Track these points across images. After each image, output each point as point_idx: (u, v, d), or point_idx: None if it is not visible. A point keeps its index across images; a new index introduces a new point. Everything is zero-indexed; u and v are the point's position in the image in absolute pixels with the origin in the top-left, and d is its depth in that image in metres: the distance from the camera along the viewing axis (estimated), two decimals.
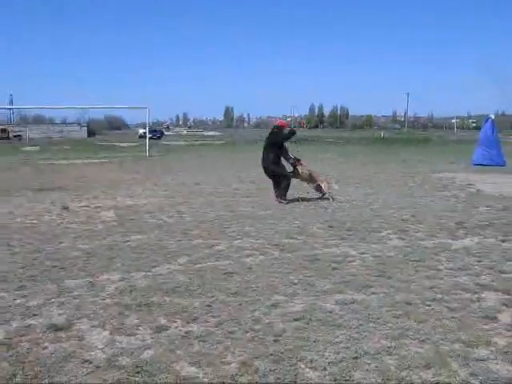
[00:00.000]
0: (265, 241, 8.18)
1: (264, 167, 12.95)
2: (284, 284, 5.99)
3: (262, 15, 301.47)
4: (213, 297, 5.59)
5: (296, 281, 6.10)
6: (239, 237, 8.49)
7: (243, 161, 26.29)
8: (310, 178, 13.04)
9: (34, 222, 10.09)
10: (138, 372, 3.91)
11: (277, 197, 12.44)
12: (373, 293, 5.65)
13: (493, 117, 25.73)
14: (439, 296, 5.53)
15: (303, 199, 12.69)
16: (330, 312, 5.11)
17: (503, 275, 6.29)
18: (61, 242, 8.25)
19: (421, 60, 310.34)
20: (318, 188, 12.91)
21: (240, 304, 5.36)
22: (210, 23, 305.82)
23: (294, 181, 12.87)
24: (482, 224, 9.35)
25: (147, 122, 32.36)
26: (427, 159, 26.46)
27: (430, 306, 5.25)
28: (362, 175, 18.58)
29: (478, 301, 5.40)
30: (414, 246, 7.74)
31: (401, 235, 8.51)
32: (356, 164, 23.49)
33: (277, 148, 12.73)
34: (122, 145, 44.22)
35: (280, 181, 12.55)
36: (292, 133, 13.24)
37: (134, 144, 40.47)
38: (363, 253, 7.39)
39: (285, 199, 12.32)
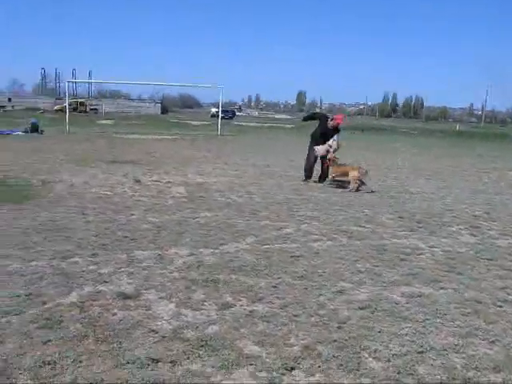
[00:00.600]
0: (333, 227, 8.14)
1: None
2: (351, 271, 5.95)
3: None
4: (279, 278, 5.61)
5: (363, 269, 6.05)
6: (307, 221, 8.47)
7: None
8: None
9: (108, 193, 10.38)
10: (202, 346, 3.98)
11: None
12: (441, 288, 5.53)
13: None
14: (510, 298, 5.36)
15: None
16: (396, 304, 5.04)
17: None
18: (132, 214, 8.45)
19: (500, 52, 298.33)
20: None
21: (306, 288, 5.36)
22: (288, 4, 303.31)
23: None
24: None
25: (220, 101, 32.57)
26: (504, 155, 25.60)
27: (501, 307, 5.09)
28: (434, 168, 18.19)
29: None
30: (487, 244, 7.52)
31: (473, 231, 8.28)
32: (430, 156, 22.98)
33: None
34: (194, 123, 44.75)
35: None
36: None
37: (206, 123, 40.93)
38: (433, 246, 7.24)
39: (303, 180, 13.18)
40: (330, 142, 13.05)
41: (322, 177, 13.27)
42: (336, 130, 13.27)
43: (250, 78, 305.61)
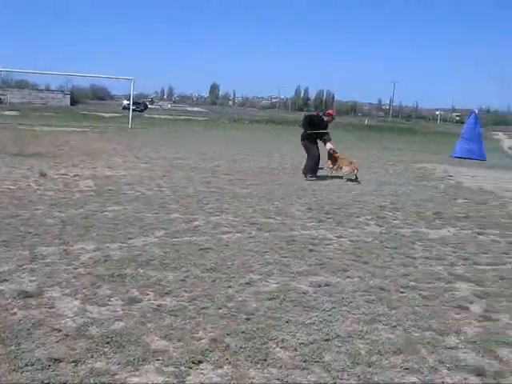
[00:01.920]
0: (242, 219, 8.15)
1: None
2: (259, 263, 5.97)
3: None
4: (187, 271, 5.55)
5: (271, 260, 6.08)
6: (217, 213, 8.44)
7: (226, 138, 26.23)
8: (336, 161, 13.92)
9: (11, 187, 9.92)
10: (107, 343, 3.86)
11: (303, 173, 13.48)
12: (348, 277, 5.65)
13: (476, 111, 25.92)
14: (413, 284, 5.54)
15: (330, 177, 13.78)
16: (304, 293, 5.10)
17: (477, 267, 6.33)
18: (36, 209, 8.13)
19: (409, 50, 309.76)
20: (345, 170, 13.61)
21: (214, 280, 5.33)
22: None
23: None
24: (460, 216, 9.41)
25: (131, 93, 31.97)
26: (409, 149, 26.57)
27: (403, 292, 5.27)
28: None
29: (452, 290, 5.43)
30: (391, 233, 7.76)
31: (378, 222, 8.53)
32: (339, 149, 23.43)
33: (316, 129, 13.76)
34: (104, 115, 43.74)
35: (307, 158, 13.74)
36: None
37: (118, 115, 40.10)
38: (340, 236, 7.40)
39: (311, 176, 13.26)
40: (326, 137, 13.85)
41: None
42: (327, 125, 14.04)
43: (163, 70, 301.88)
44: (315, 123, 13.90)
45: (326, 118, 14.07)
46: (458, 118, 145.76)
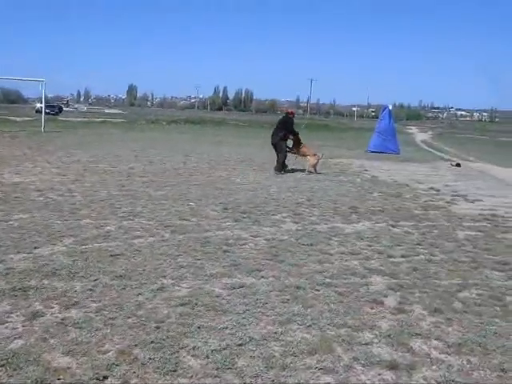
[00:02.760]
0: (156, 222, 7.92)
1: (273, 142, 15.74)
2: (172, 267, 5.77)
3: None
4: (96, 280, 5.29)
5: (185, 263, 5.90)
6: (130, 217, 8.17)
7: (143, 140, 25.75)
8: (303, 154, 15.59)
9: None
10: (2, 365, 3.57)
11: (275, 170, 14.74)
12: (262, 277, 5.55)
13: (390, 107, 26.56)
14: (328, 280, 5.51)
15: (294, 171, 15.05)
16: (217, 297, 4.96)
17: (391, 259, 6.39)
18: None
19: (326, 47, 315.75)
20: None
21: (124, 288, 5.10)
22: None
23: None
24: (375, 209, 9.54)
25: (43, 95, 30.84)
26: (326, 145, 26.90)
27: (318, 290, 5.21)
28: (261, 158, 18.58)
29: (367, 285, 5.44)
30: (308, 230, 7.74)
31: (295, 219, 8.50)
32: (256, 147, 23.45)
33: (286, 129, 15.58)
34: (16, 119, 42.07)
35: (278, 154, 15.18)
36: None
37: (30, 119, 38.61)
38: (256, 236, 7.31)
39: (280, 171, 14.66)
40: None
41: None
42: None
43: (79, 71, 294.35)
44: (292, 124, 15.85)
45: (291, 116, 16.37)
46: (373, 114, 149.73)
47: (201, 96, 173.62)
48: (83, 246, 6.50)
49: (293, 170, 15.21)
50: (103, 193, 10.31)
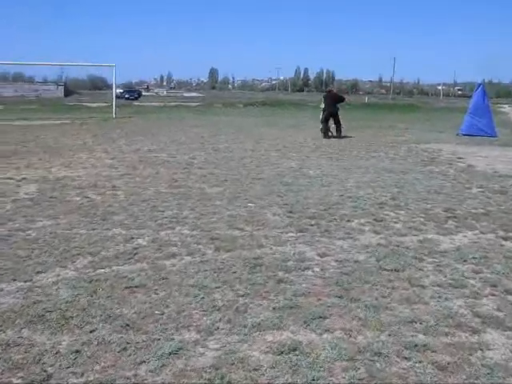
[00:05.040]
0: (201, 232, 6.39)
1: (330, 112, 19.32)
2: (202, 309, 4.20)
3: None
4: (92, 332, 3.80)
5: (221, 303, 4.31)
6: (171, 225, 6.68)
7: (214, 125, 24.35)
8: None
9: None
10: None
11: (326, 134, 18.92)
12: (326, 330, 3.86)
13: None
14: (422, 339, 3.74)
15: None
16: (256, 369, 3.33)
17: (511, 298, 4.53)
18: None
19: (408, 24, 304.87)
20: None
21: (124, 349, 3.58)
22: None
23: None
24: (477, 212, 7.60)
25: (114, 80, 30.00)
26: (412, 127, 24.61)
27: (407, 359, 3.47)
28: (338, 143, 16.75)
29: (481, 349, 3.62)
30: (392, 245, 5.96)
31: (376, 227, 6.74)
32: (334, 131, 21.55)
33: (340, 101, 20.29)
34: (92, 105, 41.76)
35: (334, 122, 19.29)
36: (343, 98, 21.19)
37: (106, 105, 37.96)
38: (324, 254, 5.61)
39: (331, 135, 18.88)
40: None
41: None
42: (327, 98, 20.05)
43: (161, 56, 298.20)
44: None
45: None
46: (460, 93, 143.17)
47: (281, 78, 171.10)
48: (97, 271, 5.04)
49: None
50: (150, 191, 8.87)
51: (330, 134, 18.95)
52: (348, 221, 7.02)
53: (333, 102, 19.56)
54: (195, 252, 5.62)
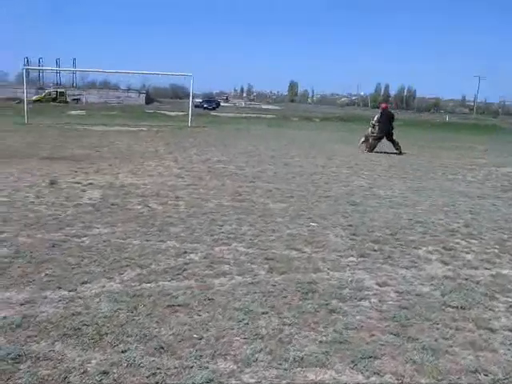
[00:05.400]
0: (256, 250, 6.10)
1: (388, 130, 19.09)
2: (244, 336, 3.91)
3: None
4: (123, 352, 3.58)
5: (264, 331, 4.00)
6: (227, 241, 6.43)
7: (288, 138, 24.11)
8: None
9: (2, 199, 8.30)
10: None
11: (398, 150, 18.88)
12: (376, 373, 3.48)
13: None
14: None
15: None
16: None
17: None
18: (1, 232, 6.39)
19: (493, 43, 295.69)
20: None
21: (153, 374, 3.34)
22: None
23: None
24: None
25: (191, 90, 30.33)
26: (493, 149, 23.54)
27: None
28: (414, 164, 16.12)
29: None
30: (460, 278, 5.48)
31: (444, 256, 6.25)
32: (410, 150, 20.84)
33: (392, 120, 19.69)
34: (170, 113, 42.38)
35: (390, 140, 19.13)
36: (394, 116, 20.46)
37: (183, 113, 38.45)
38: (384, 284, 5.20)
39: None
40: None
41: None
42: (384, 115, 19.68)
43: (243, 68, 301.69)
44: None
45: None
46: None
47: (362, 93, 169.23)
48: (143, 285, 4.85)
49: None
50: (212, 203, 8.68)
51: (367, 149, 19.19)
52: (414, 247, 6.57)
53: (388, 120, 19.37)
54: (247, 272, 5.34)
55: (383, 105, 22.61)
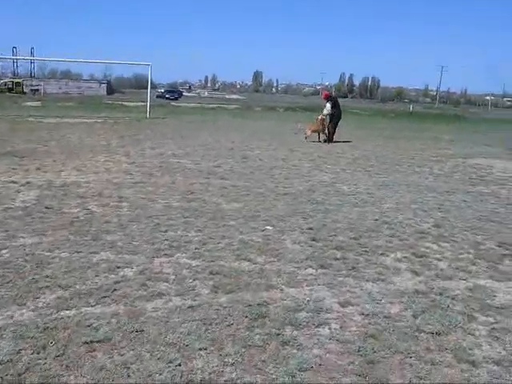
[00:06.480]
0: (202, 262, 5.33)
1: (340, 117, 19.09)
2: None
3: None
4: None
5: (199, 376, 3.22)
6: (168, 251, 5.64)
7: (250, 129, 23.30)
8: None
9: None
10: None
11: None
12: None
13: None
14: None
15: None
16: None
17: None
18: None
19: (456, 34, 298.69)
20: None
21: None
22: None
23: None
24: None
25: (149, 79, 29.30)
26: (458, 139, 23.12)
27: None
28: (379, 156, 15.49)
29: None
30: (434, 293, 4.79)
31: (415, 265, 5.57)
32: (375, 141, 20.24)
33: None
34: (129, 104, 41.13)
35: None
36: None
37: (142, 104, 37.31)
38: (347, 303, 4.47)
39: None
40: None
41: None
42: (326, 100, 19.28)
43: (207, 58, 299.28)
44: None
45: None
46: (509, 103, 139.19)
47: (326, 83, 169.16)
48: (61, 313, 4.04)
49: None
50: (159, 204, 7.86)
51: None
52: (381, 254, 5.87)
53: (338, 104, 19.50)
54: (187, 291, 4.56)
55: (327, 92, 23.80)
